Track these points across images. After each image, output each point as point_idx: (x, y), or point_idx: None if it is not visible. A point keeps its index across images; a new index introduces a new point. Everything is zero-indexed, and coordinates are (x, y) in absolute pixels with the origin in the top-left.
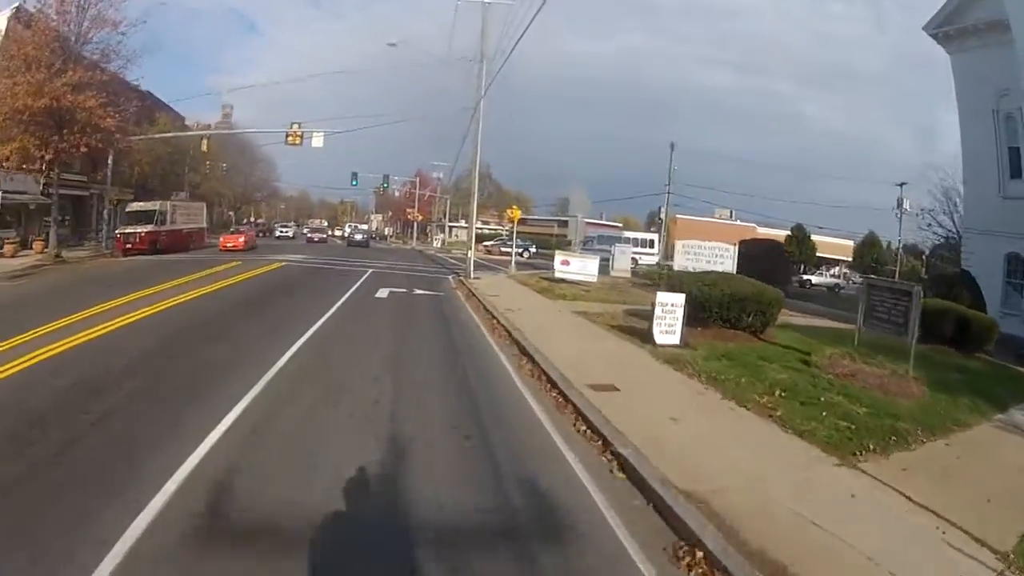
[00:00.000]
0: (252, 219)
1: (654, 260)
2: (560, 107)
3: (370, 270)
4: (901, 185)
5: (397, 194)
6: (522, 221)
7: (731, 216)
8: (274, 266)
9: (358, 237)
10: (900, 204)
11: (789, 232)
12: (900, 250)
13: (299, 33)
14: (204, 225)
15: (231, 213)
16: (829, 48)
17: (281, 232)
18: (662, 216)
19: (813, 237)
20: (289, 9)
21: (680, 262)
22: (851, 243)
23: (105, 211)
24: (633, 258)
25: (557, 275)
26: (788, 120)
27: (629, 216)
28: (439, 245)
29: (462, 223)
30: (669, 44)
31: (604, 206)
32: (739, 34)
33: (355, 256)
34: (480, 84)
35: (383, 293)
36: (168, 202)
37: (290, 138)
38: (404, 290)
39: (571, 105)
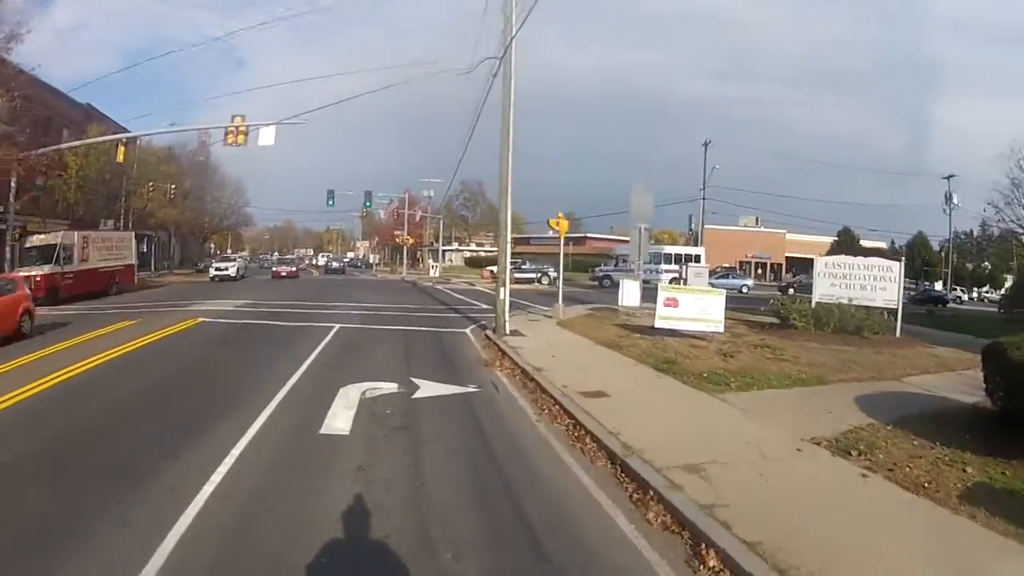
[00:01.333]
0: (218, 251)
1: (705, 279)
2: (560, 123)
3: (336, 326)
4: (948, 178)
5: (382, 215)
6: (524, 241)
7: (756, 223)
8: (179, 327)
9: (335, 265)
10: (949, 199)
11: (836, 237)
12: (950, 249)
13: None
14: (133, 261)
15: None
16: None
17: (217, 271)
18: (693, 227)
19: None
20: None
21: (823, 289)
22: (882, 244)
23: (7, 248)
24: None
25: (659, 323)
26: (788, 123)
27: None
28: (436, 274)
29: (455, 246)
30: (663, 56)
31: (613, 219)
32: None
33: (325, 296)
34: (509, 29)
35: (342, 417)
36: (77, 233)
37: (229, 136)
38: (395, 388)
39: (569, 120)
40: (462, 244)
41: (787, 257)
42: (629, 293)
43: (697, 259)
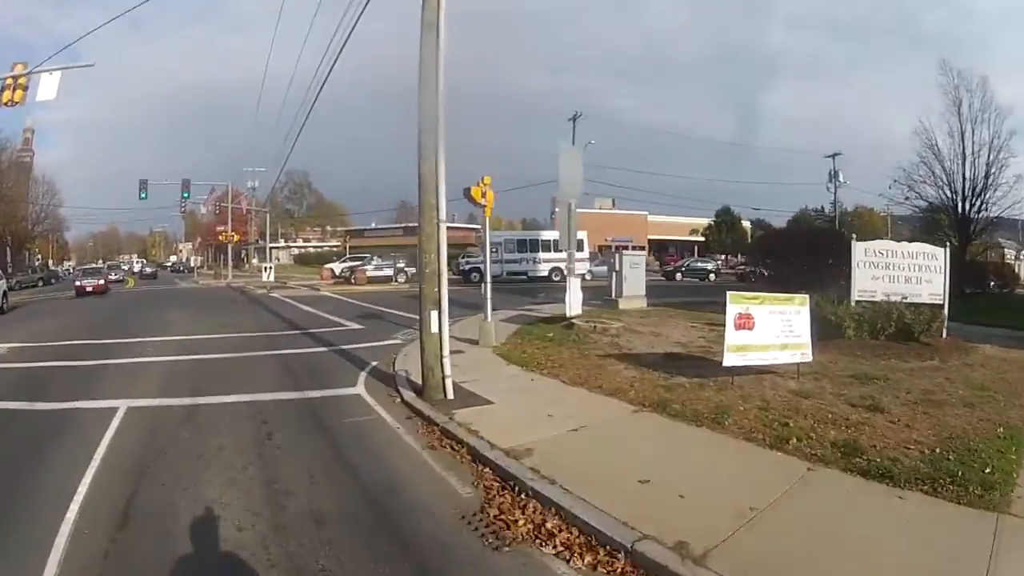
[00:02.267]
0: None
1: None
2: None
3: (121, 407)
4: (833, 156)
5: (203, 210)
6: (357, 234)
7: (613, 205)
8: None
9: (148, 270)
10: (834, 176)
11: (713, 219)
12: (836, 226)
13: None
14: None
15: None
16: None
17: None
18: (567, 210)
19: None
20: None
21: (864, 283)
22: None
23: None
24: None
25: (732, 359)
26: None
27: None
28: (270, 277)
29: (282, 243)
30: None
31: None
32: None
33: (130, 323)
34: None
35: None
36: None
37: (6, 94)
38: None
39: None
40: (289, 240)
41: (650, 240)
42: (575, 296)
43: (580, 245)
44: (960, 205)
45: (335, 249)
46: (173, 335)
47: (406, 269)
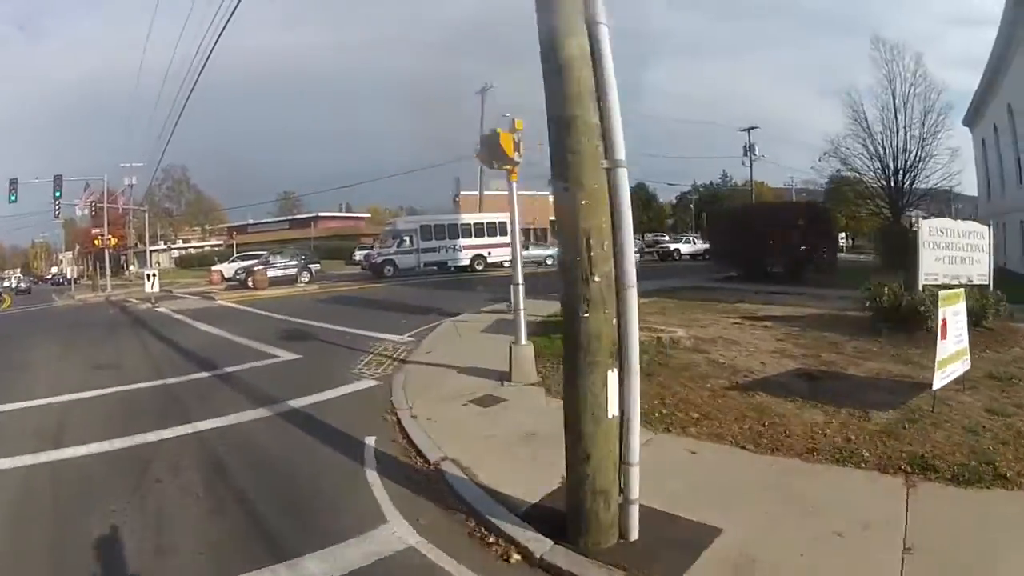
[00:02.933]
0: None
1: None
2: (270, 105)
3: None
4: (749, 130)
5: (77, 211)
6: (240, 230)
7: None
8: None
9: (23, 286)
10: (750, 150)
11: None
12: (751, 198)
13: None
14: None
15: None
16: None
17: None
18: (460, 191)
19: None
20: None
21: (930, 265)
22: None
23: None
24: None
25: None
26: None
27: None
28: (153, 287)
29: (162, 245)
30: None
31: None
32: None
33: None
34: None
35: None
36: None
37: None
38: None
39: (282, 101)
40: (169, 242)
41: (551, 221)
42: None
43: (503, 229)
44: (892, 178)
45: (217, 249)
46: (24, 399)
47: (311, 266)
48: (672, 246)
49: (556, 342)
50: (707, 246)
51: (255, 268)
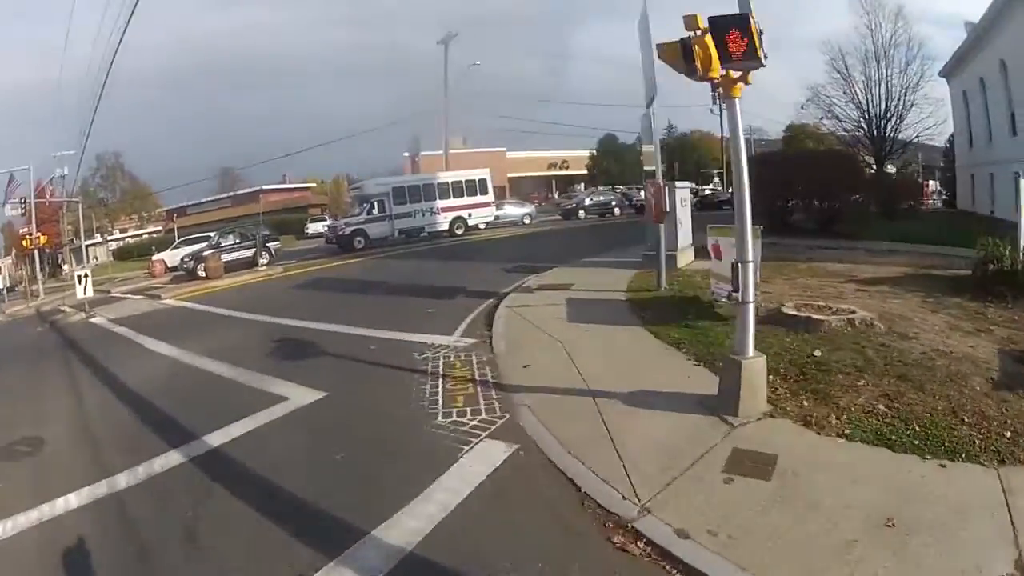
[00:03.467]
0: None
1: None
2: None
3: None
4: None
5: (9, 213)
6: (180, 212)
7: (464, 144)
8: None
9: None
10: (719, 99)
11: (595, 150)
12: (722, 150)
13: None
14: None
15: None
16: None
17: None
18: (419, 151)
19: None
20: None
21: None
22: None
23: None
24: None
25: None
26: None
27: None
28: (86, 291)
29: (98, 238)
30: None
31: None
32: None
33: None
34: None
35: None
36: None
37: None
38: None
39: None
40: (105, 234)
41: (510, 178)
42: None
43: (483, 187)
44: (875, 126)
45: (156, 236)
46: None
47: (269, 244)
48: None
49: (701, 331)
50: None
51: (206, 253)
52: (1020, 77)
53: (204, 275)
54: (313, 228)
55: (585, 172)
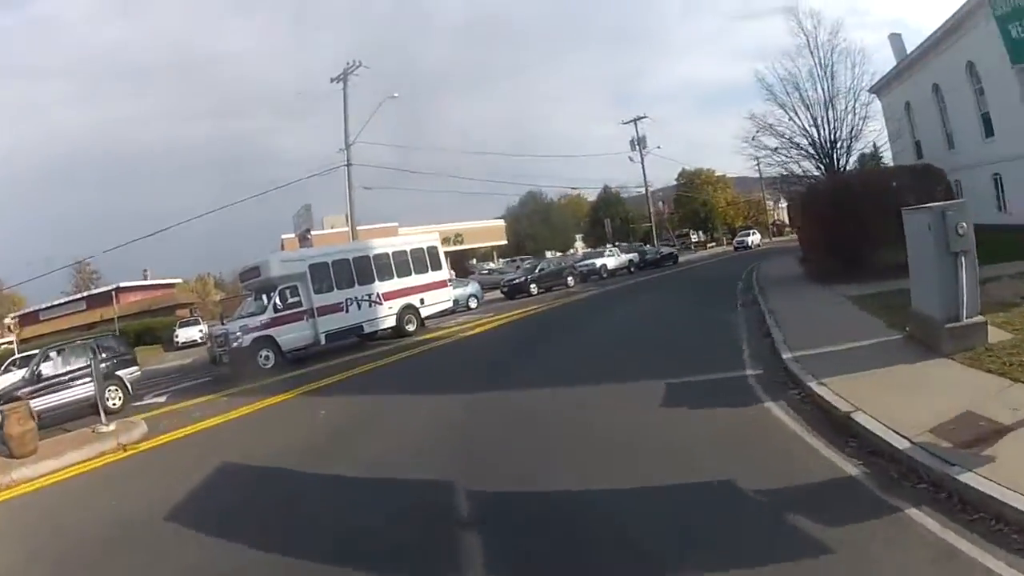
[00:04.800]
0: None
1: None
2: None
3: None
4: (636, 121)
5: None
6: (30, 319)
7: (347, 222)
8: None
9: None
10: (640, 144)
11: (510, 211)
12: (647, 198)
13: None
14: None
15: None
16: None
17: None
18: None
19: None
20: None
21: None
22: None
23: None
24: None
25: None
26: None
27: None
28: None
29: None
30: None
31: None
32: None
33: None
34: None
35: None
36: None
37: None
38: None
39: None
40: None
41: None
42: None
43: (435, 258)
44: (826, 147)
45: (4, 346)
46: None
47: (122, 373)
48: (597, 262)
49: None
50: (631, 256)
51: (6, 408)
52: (993, 76)
53: (9, 450)
54: (185, 335)
55: (483, 245)
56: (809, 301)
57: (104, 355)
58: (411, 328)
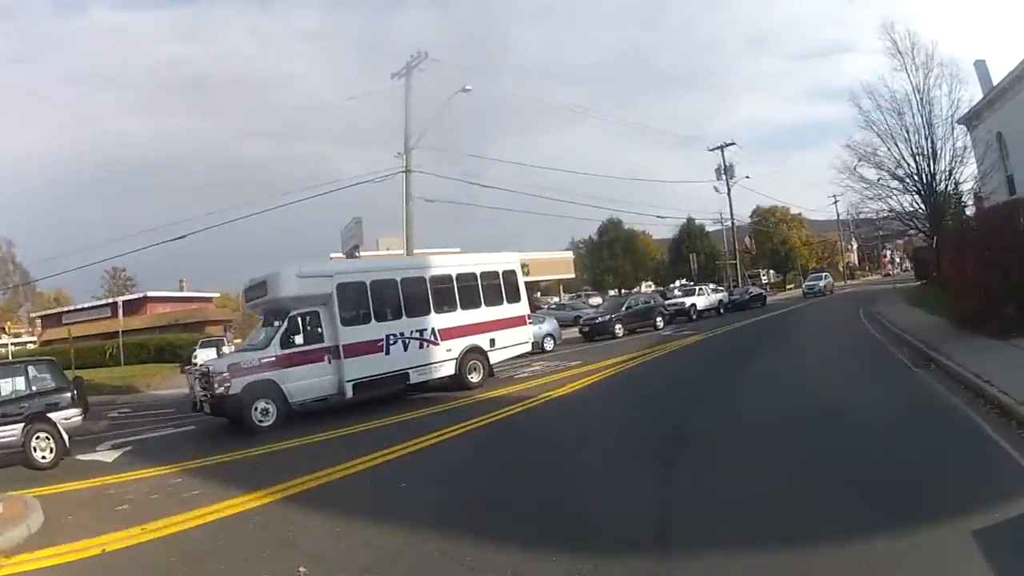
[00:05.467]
0: None
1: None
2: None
3: None
4: (722, 148)
5: None
6: (53, 321)
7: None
8: None
9: None
10: (726, 172)
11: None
12: (733, 235)
13: None
14: None
15: None
16: None
17: None
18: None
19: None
20: None
21: None
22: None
23: None
24: None
25: None
26: None
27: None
28: None
29: None
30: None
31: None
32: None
33: None
34: None
35: None
36: None
37: None
38: None
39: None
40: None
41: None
42: None
43: (512, 287)
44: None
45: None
46: None
47: (55, 415)
48: (687, 301)
49: None
50: (721, 296)
51: None
52: None
53: None
54: (204, 356)
55: (549, 277)
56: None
57: (34, 388)
58: (475, 379)
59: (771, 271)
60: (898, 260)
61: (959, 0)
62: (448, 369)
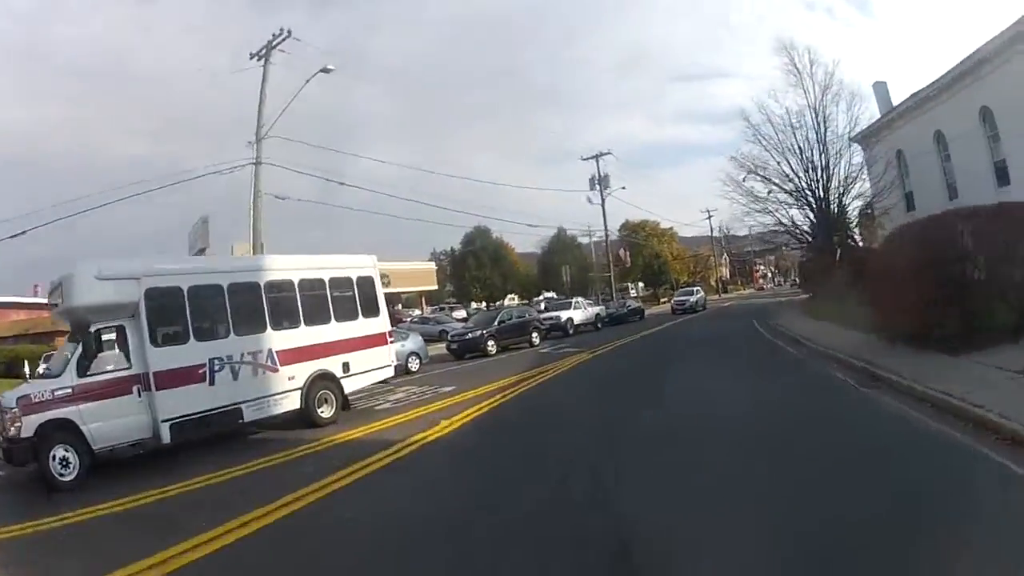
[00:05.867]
0: None
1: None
2: None
3: None
4: (598, 157)
5: None
6: None
7: (262, 249)
8: None
9: None
10: (600, 182)
11: (458, 247)
12: (607, 246)
13: None
14: None
15: None
16: None
17: None
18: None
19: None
20: None
21: None
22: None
23: None
24: None
25: None
26: None
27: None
28: None
29: None
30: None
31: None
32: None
33: None
34: None
35: None
36: None
37: None
38: None
39: None
40: None
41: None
42: None
43: (369, 295)
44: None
45: None
46: None
47: None
48: (563, 314)
49: None
50: (598, 310)
51: None
52: (1010, 122)
53: None
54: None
55: (410, 289)
56: (978, 381)
57: None
58: (326, 414)
59: (641, 284)
60: (770, 275)
61: (845, 32)
62: (292, 402)
